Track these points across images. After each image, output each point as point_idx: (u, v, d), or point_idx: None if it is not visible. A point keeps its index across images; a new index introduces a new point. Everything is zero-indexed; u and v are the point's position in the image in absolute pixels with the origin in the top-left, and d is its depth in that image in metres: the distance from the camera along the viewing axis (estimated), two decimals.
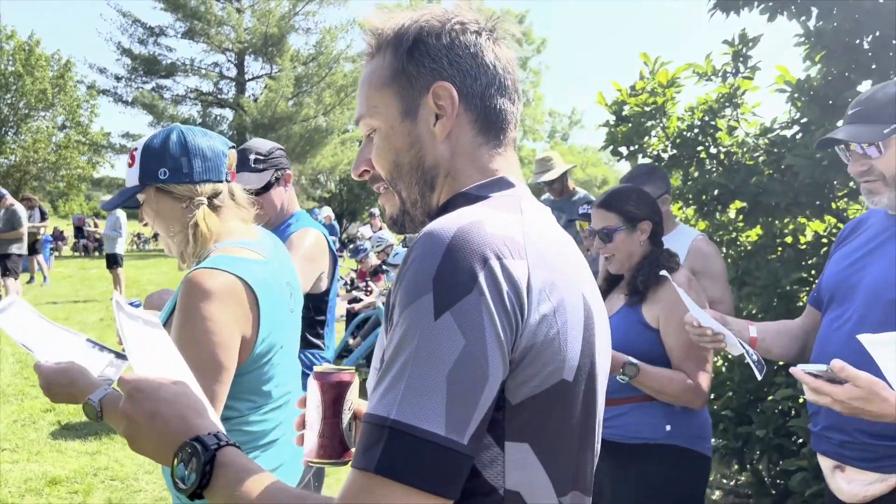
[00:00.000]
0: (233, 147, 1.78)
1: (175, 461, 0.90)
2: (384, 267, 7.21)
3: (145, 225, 1.78)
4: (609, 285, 2.48)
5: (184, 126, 1.70)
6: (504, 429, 0.82)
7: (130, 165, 1.67)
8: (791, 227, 4.14)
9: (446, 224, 0.82)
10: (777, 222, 4.11)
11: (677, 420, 2.23)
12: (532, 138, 45.93)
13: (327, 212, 14.37)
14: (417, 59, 0.95)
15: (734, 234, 4.43)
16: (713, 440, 4.29)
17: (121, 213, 12.12)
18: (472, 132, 0.96)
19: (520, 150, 40.47)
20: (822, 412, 1.85)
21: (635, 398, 2.25)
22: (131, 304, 1.85)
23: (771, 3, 3.77)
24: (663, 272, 2.16)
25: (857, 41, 3.74)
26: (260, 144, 2.56)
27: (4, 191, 10.44)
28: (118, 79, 29.23)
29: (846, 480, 1.77)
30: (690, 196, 4.20)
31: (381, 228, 14.67)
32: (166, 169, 1.63)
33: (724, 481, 4.50)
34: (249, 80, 30.74)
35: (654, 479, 2.23)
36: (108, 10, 43.08)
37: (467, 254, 0.79)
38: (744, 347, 1.85)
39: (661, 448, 2.23)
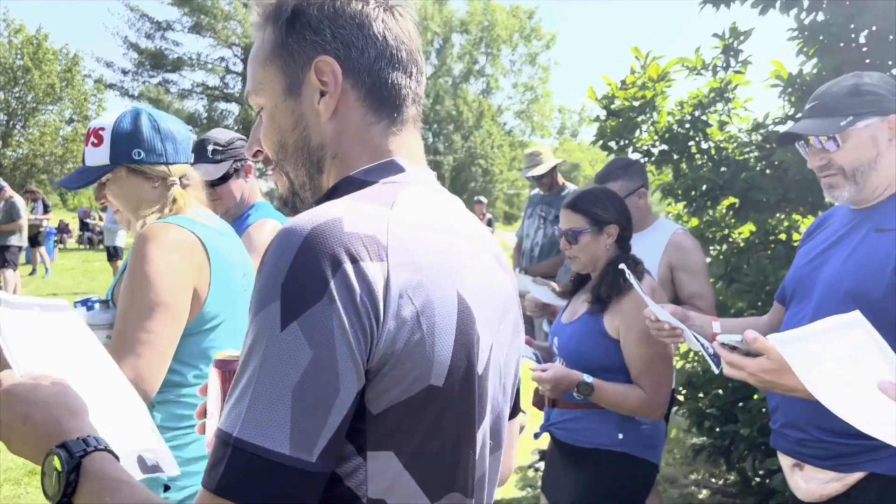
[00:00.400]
0: (191, 130, 1.85)
1: (43, 467, 0.86)
2: None
3: (103, 205, 1.84)
4: (577, 286, 2.45)
5: (149, 109, 1.76)
6: (366, 439, 0.78)
7: (96, 145, 1.69)
8: (786, 223, 4.09)
9: (301, 222, 0.77)
10: (770, 219, 4.05)
11: (630, 428, 2.23)
12: (541, 135, 45.85)
13: None
14: (298, 31, 0.89)
15: (727, 231, 4.38)
16: (702, 438, 4.27)
17: None
18: (362, 110, 0.90)
19: (528, 146, 40.62)
20: (779, 409, 1.82)
21: (589, 404, 2.23)
22: (86, 302, 1.80)
23: None
24: (622, 266, 2.11)
25: (853, 35, 3.69)
26: (219, 135, 2.54)
27: (4, 183, 10.47)
28: (125, 73, 29.44)
29: (804, 479, 1.73)
30: (680, 192, 4.15)
31: None
32: (140, 150, 1.68)
33: (713, 480, 4.45)
34: None
35: (602, 485, 2.24)
36: (115, 5, 43.19)
37: (319, 257, 0.74)
38: (699, 342, 1.81)
39: (612, 455, 2.23)
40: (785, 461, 1.82)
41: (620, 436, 2.22)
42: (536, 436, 2.49)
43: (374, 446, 0.78)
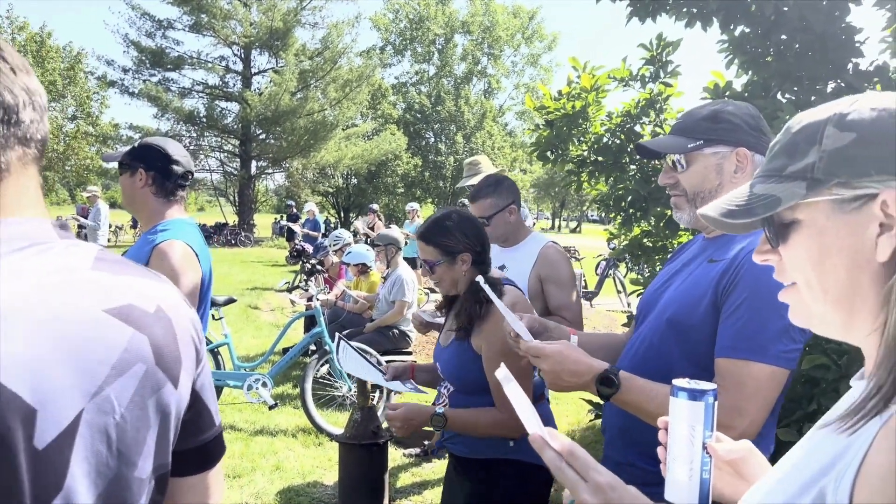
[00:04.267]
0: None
1: None
2: (342, 263, 7.21)
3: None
4: (450, 303, 2.46)
5: None
6: None
7: None
8: None
9: None
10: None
11: (522, 436, 2.21)
12: None
13: (310, 207, 14.44)
14: None
15: (665, 241, 4.38)
16: None
17: (102, 205, 12.10)
18: None
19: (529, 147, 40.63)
20: (607, 429, 1.82)
21: None
22: None
23: (685, 10, 3.70)
24: (479, 279, 2.07)
25: (782, 48, 3.69)
26: (161, 142, 2.43)
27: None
28: (125, 71, 29.44)
29: None
30: (612, 203, 4.16)
31: (373, 224, 14.71)
32: None
33: None
34: (255, 73, 30.88)
35: (502, 494, 2.25)
36: (116, 3, 43.24)
37: None
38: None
39: (507, 463, 2.24)
40: None
41: (511, 443, 2.22)
42: (434, 452, 2.48)
43: None
